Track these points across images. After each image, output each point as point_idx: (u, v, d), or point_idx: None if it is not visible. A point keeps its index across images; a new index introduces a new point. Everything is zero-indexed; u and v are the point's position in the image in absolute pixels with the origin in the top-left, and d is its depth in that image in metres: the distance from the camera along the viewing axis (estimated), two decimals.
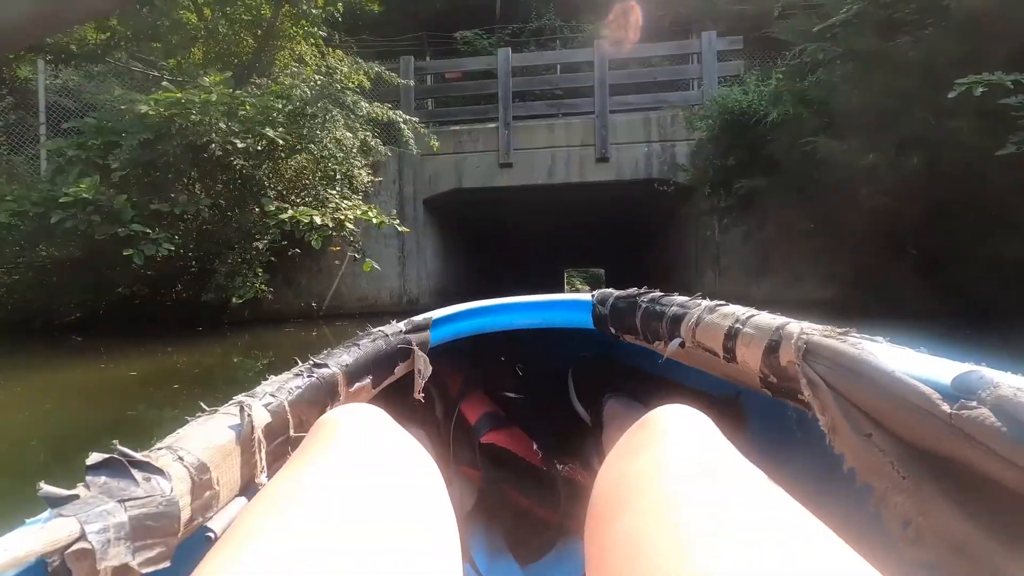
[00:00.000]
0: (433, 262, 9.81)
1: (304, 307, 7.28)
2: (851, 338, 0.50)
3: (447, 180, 9.14)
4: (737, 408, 0.83)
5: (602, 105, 8.67)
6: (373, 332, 0.85)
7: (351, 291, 7.99)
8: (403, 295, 8.69)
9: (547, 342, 1.15)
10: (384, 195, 8.44)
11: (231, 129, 4.89)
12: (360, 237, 7.94)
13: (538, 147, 8.92)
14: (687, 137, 8.55)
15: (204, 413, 0.52)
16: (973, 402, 0.36)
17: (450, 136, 9.18)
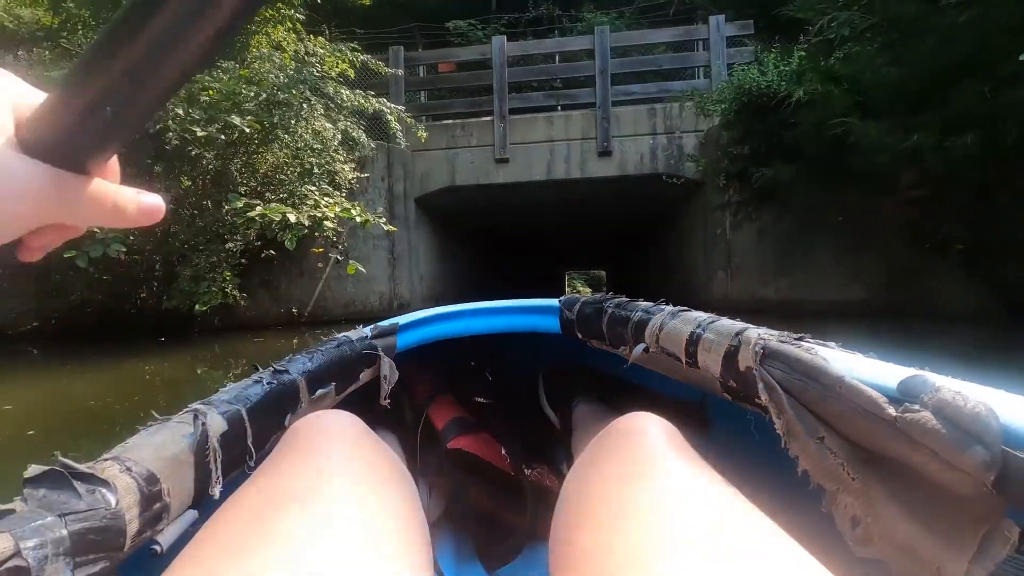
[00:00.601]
0: (426, 264, 9.26)
1: (284, 313, 6.73)
2: (806, 343, 0.51)
3: (439, 177, 8.61)
4: (702, 413, 0.82)
5: (604, 95, 8.15)
6: (337, 338, 0.82)
7: (336, 296, 7.45)
8: (394, 299, 8.14)
9: (517, 346, 1.13)
10: (372, 193, 7.91)
11: (191, 116, 4.36)
12: (345, 238, 7.41)
13: (536, 141, 8.39)
14: (695, 128, 8.02)
15: (156, 422, 0.50)
16: (916, 405, 0.37)
17: (442, 131, 8.65)
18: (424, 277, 9.08)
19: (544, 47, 8.51)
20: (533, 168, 8.37)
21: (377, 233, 7.86)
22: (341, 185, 7.04)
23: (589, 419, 0.90)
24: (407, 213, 8.44)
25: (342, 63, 6.76)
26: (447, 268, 10.32)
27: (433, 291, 9.45)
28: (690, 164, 7.98)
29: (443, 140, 8.62)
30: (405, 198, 8.39)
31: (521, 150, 8.40)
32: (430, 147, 8.65)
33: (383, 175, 8.07)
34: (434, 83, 8.75)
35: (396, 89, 8.58)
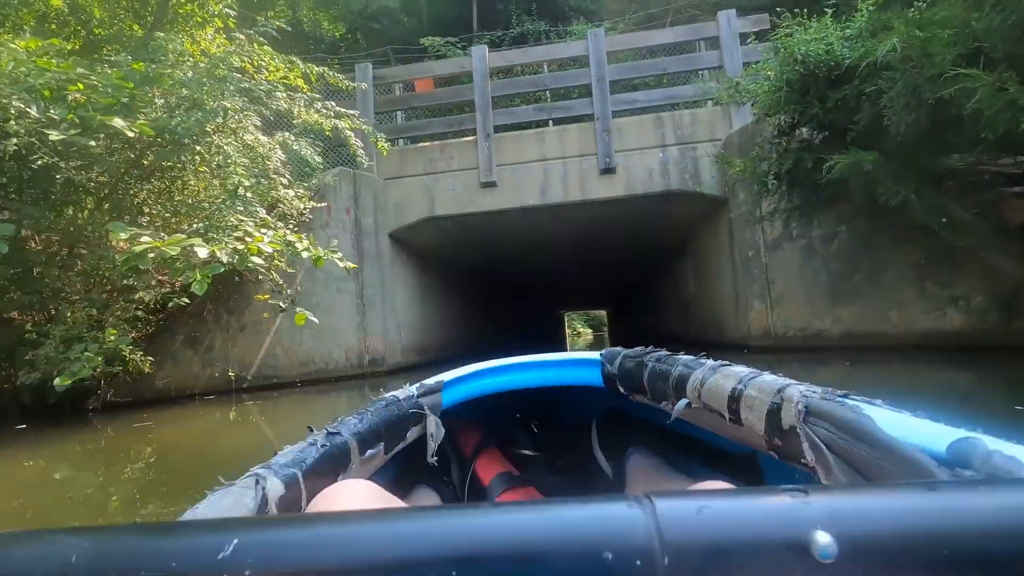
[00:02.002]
0: (405, 310, 7.91)
1: (219, 379, 5.33)
2: (850, 401, 0.50)
3: (416, 207, 7.38)
4: (754, 465, 0.75)
5: (603, 106, 7.04)
6: (385, 397, 0.84)
7: (291, 353, 6.06)
8: (364, 354, 6.75)
9: (560, 399, 1.14)
10: (334, 227, 6.64)
11: (49, 115, 3.12)
12: (300, 281, 6.08)
13: (527, 160, 7.22)
14: (711, 137, 6.88)
15: (221, 486, 0.52)
16: (968, 471, 0.36)
17: (418, 154, 7.49)
18: (402, 326, 7.71)
19: (531, 56, 7.49)
20: (525, 191, 7.17)
21: (342, 274, 6.54)
22: (290, 216, 5.78)
23: (643, 471, 0.87)
24: (379, 250, 7.16)
25: (291, 73, 5.61)
26: (430, 314, 8.97)
27: (413, 342, 8.06)
28: (710, 177, 6.79)
29: (419, 164, 7.45)
30: (376, 232, 7.13)
31: (510, 172, 7.22)
32: (405, 173, 7.47)
33: (348, 206, 6.83)
34: (407, 101, 7.66)
35: (364, 110, 7.46)
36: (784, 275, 5.89)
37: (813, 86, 3.75)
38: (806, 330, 5.67)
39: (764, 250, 6.10)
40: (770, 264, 6.04)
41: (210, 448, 3.39)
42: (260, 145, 4.67)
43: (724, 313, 7.37)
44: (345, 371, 6.53)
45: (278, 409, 5.10)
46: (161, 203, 4.29)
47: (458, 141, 7.44)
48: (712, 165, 6.80)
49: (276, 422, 4.49)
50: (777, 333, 5.97)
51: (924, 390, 3.42)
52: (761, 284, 6.15)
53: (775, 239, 5.97)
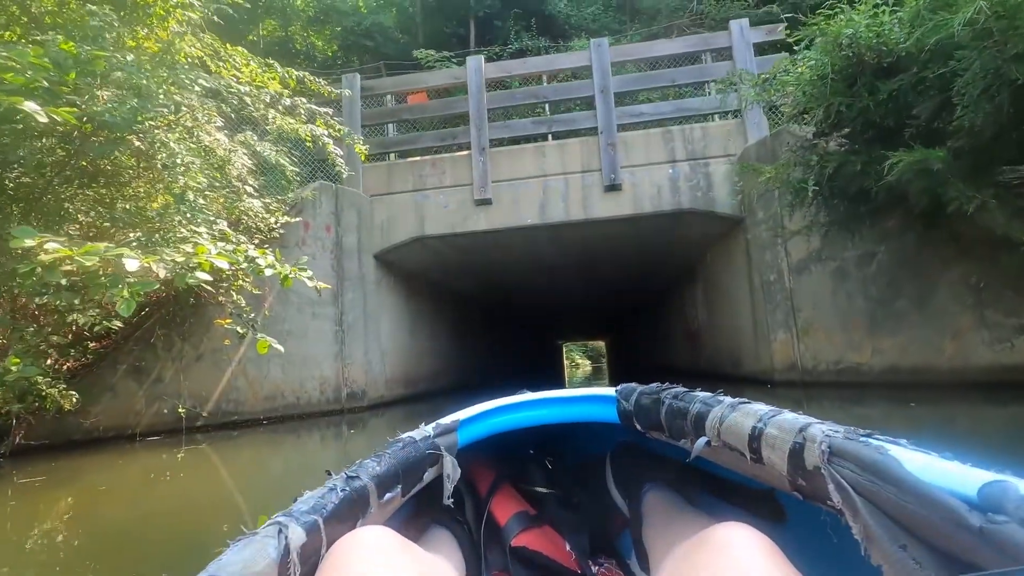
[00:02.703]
0: (392, 339, 7.23)
1: (168, 415, 4.61)
2: (875, 441, 0.49)
3: (405, 226, 6.79)
4: (775, 503, 0.74)
5: (607, 118, 6.53)
6: (402, 439, 0.83)
7: (256, 386, 5.35)
8: (343, 386, 6.05)
9: (575, 435, 1.14)
10: (312, 245, 6.02)
11: None
12: (269, 303, 5.42)
13: (525, 176, 6.66)
14: (725, 152, 6.35)
15: (243, 536, 0.53)
16: (1001, 516, 0.36)
17: (407, 169, 6.93)
18: (387, 355, 7.02)
19: (530, 67, 7.02)
20: (522, 209, 6.59)
21: (318, 297, 5.88)
22: (258, 230, 5.15)
23: (662, 509, 0.85)
24: (362, 271, 6.52)
25: (267, 75, 5.07)
26: (419, 343, 8.29)
27: (400, 373, 7.35)
28: (725, 194, 6.23)
29: (408, 180, 6.88)
30: (360, 252, 6.51)
31: (507, 188, 6.66)
32: (393, 189, 6.91)
33: (328, 222, 6.22)
34: (397, 114, 7.15)
35: (351, 122, 6.94)
36: (812, 301, 5.26)
37: (861, 76, 3.20)
38: (840, 363, 5.01)
39: (788, 273, 5.49)
40: (795, 289, 5.42)
41: (97, 527, 2.32)
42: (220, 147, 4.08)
43: (741, 344, 6.72)
44: (319, 406, 5.81)
45: (237, 452, 4.38)
46: (98, 211, 3.66)
47: (451, 156, 6.90)
48: (726, 181, 6.25)
49: (230, 474, 3.75)
50: (805, 366, 5.31)
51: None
52: (785, 311, 5.51)
53: (801, 261, 5.36)
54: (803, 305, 5.35)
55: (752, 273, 6.11)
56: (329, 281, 6.07)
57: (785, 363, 5.50)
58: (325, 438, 5.05)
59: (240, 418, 5.17)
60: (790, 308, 5.47)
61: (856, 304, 4.88)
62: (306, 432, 5.37)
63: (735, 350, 6.99)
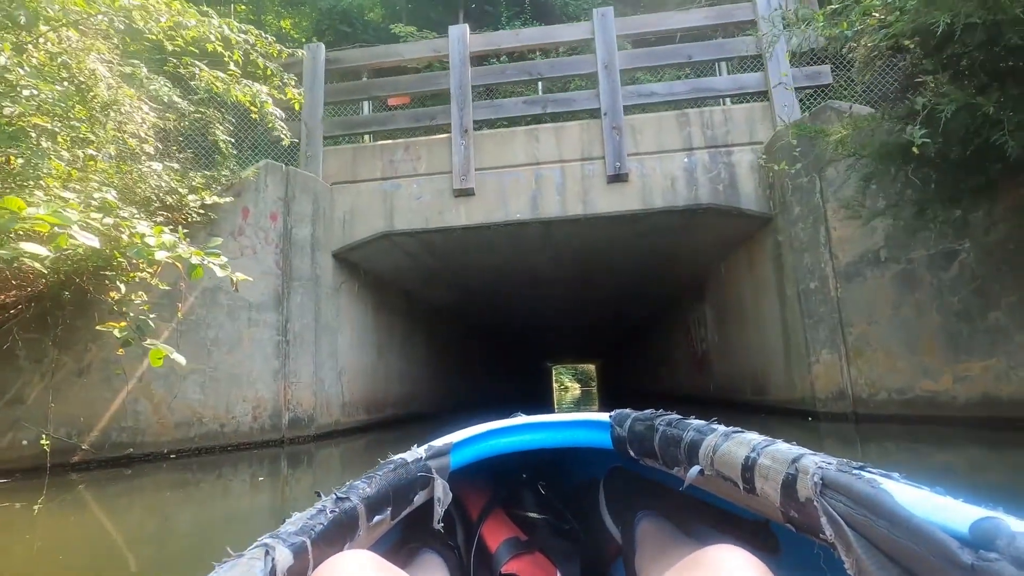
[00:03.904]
0: (354, 355, 6.09)
1: (27, 448, 3.42)
2: (867, 474, 0.48)
3: (371, 219, 5.72)
4: (770, 535, 0.73)
5: (612, 98, 5.56)
6: (394, 460, 0.80)
7: (163, 409, 4.17)
8: (285, 411, 4.88)
9: (568, 460, 1.14)
10: (252, 236, 4.91)
11: None
12: (194, 303, 4.29)
13: (515, 164, 5.65)
14: (750, 139, 5.39)
15: (230, 558, 0.51)
16: (992, 553, 0.36)
17: (375, 154, 5.89)
18: (347, 373, 5.87)
19: (523, 39, 6.06)
20: (510, 202, 5.56)
21: (258, 300, 4.76)
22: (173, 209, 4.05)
23: (655, 537, 0.84)
24: (317, 271, 5.41)
25: (202, 27, 4.00)
26: (388, 362, 7.14)
27: (362, 396, 6.19)
28: (751, 188, 5.25)
29: (377, 166, 5.84)
30: (314, 248, 5.41)
31: (492, 178, 5.63)
32: (358, 177, 5.85)
33: (275, 210, 5.13)
34: (367, 90, 6.12)
35: (312, 100, 5.92)
36: (868, 313, 4.24)
37: None
38: (908, 392, 3.96)
39: (834, 280, 4.47)
40: (845, 299, 4.40)
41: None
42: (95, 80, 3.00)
43: (766, 367, 5.67)
44: (252, 435, 4.63)
45: (125, 501, 3.20)
46: None
47: (427, 139, 5.87)
48: (752, 172, 5.27)
49: (102, 538, 2.53)
50: (858, 395, 4.25)
51: None
52: (830, 327, 4.48)
53: (852, 264, 4.35)
54: (855, 319, 4.32)
55: (784, 282, 5.10)
56: (271, 281, 4.96)
57: (830, 391, 4.44)
58: (256, 479, 3.90)
59: (139, 451, 3.98)
60: (837, 323, 4.44)
61: (930, 318, 3.86)
62: (230, 470, 4.20)
63: (757, 375, 5.93)
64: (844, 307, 4.40)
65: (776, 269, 5.26)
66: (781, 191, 5.00)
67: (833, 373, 4.44)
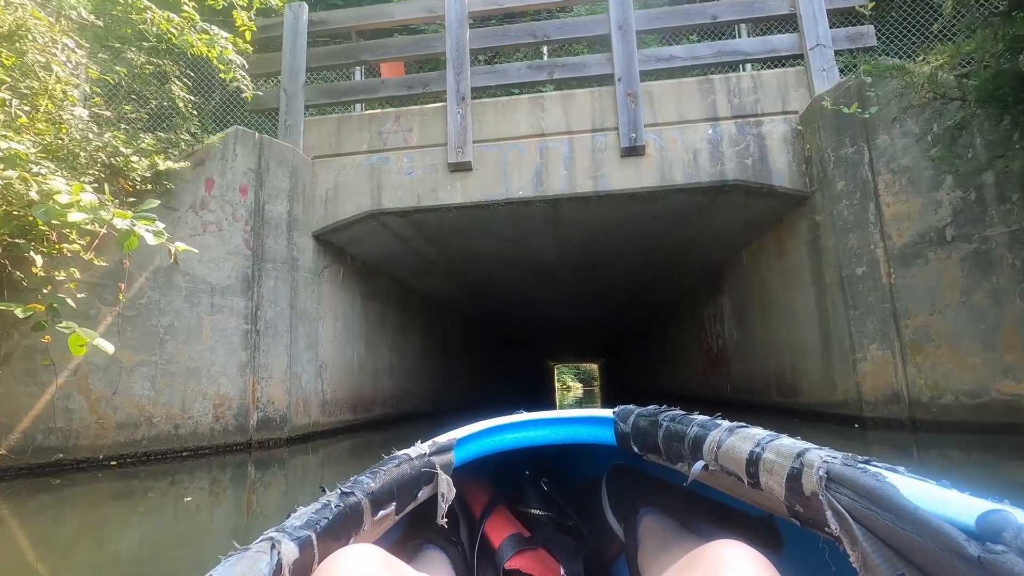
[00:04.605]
0: (337, 348, 5.50)
1: None
2: (872, 468, 0.48)
3: (356, 196, 5.12)
4: (774, 529, 0.73)
5: (627, 62, 4.95)
6: (397, 456, 0.80)
7: (104, 407, 3.57)
8: (252, 411, 4.29)
9: (572, 456, 1.13)
10: (217, 211, 4.32)
11: None
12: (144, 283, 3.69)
13: (517, 136, 5.05)
14: (783, 108, 4.77)
15: (235, 552, 0.51)
16: (999, 546, 0.36)
17: (361, 124, 5.29)
18: (328, 368, 5.28)
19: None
20: (511, 178, 4.95)
21: (222, 283, 4.17)
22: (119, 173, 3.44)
23: (657, 534, 0.84)
24: (294, 253, 4.81)
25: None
26: (377, 357, 6.54)
27: (346, 393, 5.60)
28: (785, 162, 4.63)
29: (363, 139, 5.24)
30: (291, 228, 4.81)
31: (492, 151, 5.03)
32: (342, 150, 5.25)
33: (245, 183, 4.53)
34: (355, 53, 5.51)
35: (293, 64, 5.32)
36: (930, 302, 3.62)
37: None
38: (982, 395, 3.35)
39: (887, 264, 3.86)
40: (900, 286, 3.78)
41: None
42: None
43: (798, 365, 5.05)
44: (212, 438, 4.04)
45: (53, 519, 2.60)
46: None
47: (420, 108, 5.27)
48: (786, 146, 4.65)
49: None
50: (917, 398, 3.64)
51: None
52: (882, 318, 3.86)
53: (910, 245, 3.74)
54: (913, 309, 3.70)
55: (822, 268, 4.48)
56: (239, 262, 4.36)
57: (882, 393, 3.83)
58: (217, 490, 3.32)
59: (71, 457, 3.38)
60: (890, 314, 3.82)
61: (1011, 306, 3.25)
62: (185, 478, 3.62)
63: (786, 374, 5.32)
64: (899, 295, 3.78)
65: (812, 254, 4.64)
66: (821, 165, 4.38)
67: (885, 372, 3.83)
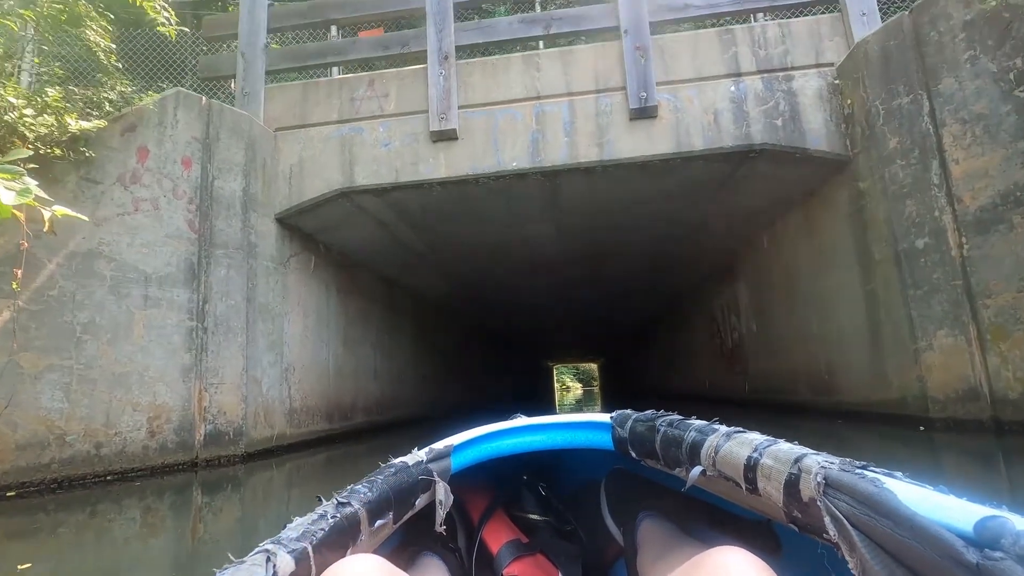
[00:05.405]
0: (308, 348, 4.82)
1: None
2: (870, 473, 0.48)
3: (326, 173, 4.44)
4: (772, 534, 0.73)
5: (635, 13, 4.30)
6: (394, 464, 0.79)
7: (6, 422, 2.86)
8: (199, 424, 3.59)
9: (570, 461, 1.14)
10: (152, 186, 3.62)
11: None
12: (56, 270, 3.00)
13: (509, 100, 4.38)
14: (816, 61, 4.12)
15: (230, 564, 0.50)
16: (998, 552, 0.36)
17: (331, 91, 4.62)
18: (297, 371, 4.59)
19: None
20: (503, 148, 4.28)
21: (158, 272, 3.47)
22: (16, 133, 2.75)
23: (657, 538, 0.83)
24: (251, 238, 4.13)
25: None
26: (359, 358, 5.85)
27: (321, 399, 4.90)
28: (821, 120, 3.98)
29: (333, 107, 4.56)
30: (247, 209, 4.12)
31: (481, 117, 4.36)
32: (308, 121, 4.58)
33: (188, 154, 3.83)
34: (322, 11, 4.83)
35: (251, 21, 4.64)
36: (1018, 277, 2.96)
37: None
38: None
39: (957, 233, 3.20)
40: (976, 258, 3.12)
41: None
42: None
43: (835, 359, 4.39)
44: (147, 458, 3.34)
45: None
46: None
47: (397, 71, 4.59)
48: (821, 103, 4.00)
49: None
50: (1003, 394, 2.98)
51: None
52: (952, 298, 3.20)
53: (987, 208, 3.08)
54: (995, 285, 3.04)
55: (869, 243, 3.82)
56: (180, 247, 3.67)
57: (954, 388, 3.17)
58: (153, 520, 2.69)
59: None
60: (962, 292, 3.16)
61: None
62: (111, 507, 3.00)
63: (820, 370, 4.65)
64: (975, 269, 3.12)
65: (855, 228, 3.99)
66: (866, 122, 3.73)
67: (958, 363, 3.17)
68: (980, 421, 3.05)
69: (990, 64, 3.05)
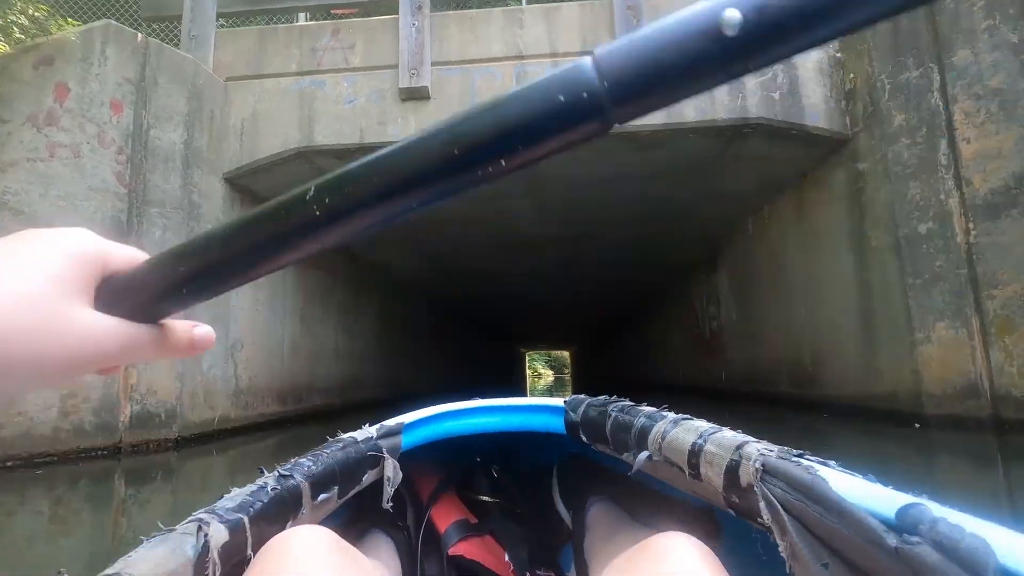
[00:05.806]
0: (257, 323, 4.40)
1: None
2: (805, 461, 0.49)
3: (282, 129, 4.00)
4: (714, 519, 0.74)
5: None
6: (343, 439, 0.77)
7: None
8: (123, 404, 3.17)
9: (523, 444, 1.12)
10: (75, 132, 3.15)
11: None
12: None
13: (487, 59, 4.00)
14: None
15: (159, 532, 0.48)
16: (915, 537, 0.37)
17: (289, 39, 4.16)
18: (244, 348, 4.18)
19: None
20: None
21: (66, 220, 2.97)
22: None
23: (604, 522, 0.85)
24: (194, 198, 3.68)
25: None
26: (316, 336, 5.44)
27: (272, 379, 4.50)
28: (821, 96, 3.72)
29: (292, 58, 4.11)
30: (190, 165, 3.67)
31: (456, 76, 3.97)
32: (264, 71, 4.12)
33: (118, 97, 3.35)
34: None
35: None
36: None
37: None
38: None
39: (964, 217, 2.98)
40: (983, 245, 2.91)
41: None
42: None
43: (821, 349, 4.19)
44: (60, 442, 2.92)
45: None
46: None
47: (365, 20, 4.16)
48: (821, 77, 3.74)
49: None
50: (1005, 391, 2.78)
51: None
52: (955, 287, 2.99)
53: (998, 192, 2.86)
54: (1003, 274, 2.83)
55: (867, 228, 3.59)
56: (106, 202, 3.22)
57: (952, 384, 2.97)
58: (64, 514, 2.37)
59: None
60: (966, 282, 2.95)
61: None
62: (11, 499, 2.62)
63: (803, 360, 4.46)
64: (981, 257, 2.91)
65: (851, 212, 3.76)
66: (869, 97, 3.47)
67: (957, 357, 2.97)
68: (979, 419, 2.86)
69: (1011, 35, 2.81)
